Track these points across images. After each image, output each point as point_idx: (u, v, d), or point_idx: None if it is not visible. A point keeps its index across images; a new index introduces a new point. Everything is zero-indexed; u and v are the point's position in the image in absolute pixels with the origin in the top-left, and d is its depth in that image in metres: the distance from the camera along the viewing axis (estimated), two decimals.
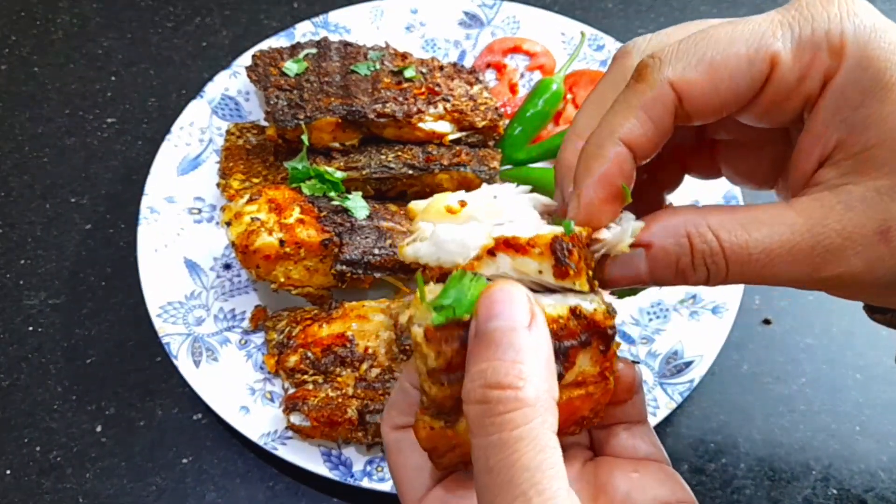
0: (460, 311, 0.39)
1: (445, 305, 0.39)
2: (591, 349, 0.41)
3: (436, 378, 0.39)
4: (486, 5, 1.07)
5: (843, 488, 0.80)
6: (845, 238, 0.39)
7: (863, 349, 0.89)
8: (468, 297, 0.39)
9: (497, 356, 0.37)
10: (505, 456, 0.35)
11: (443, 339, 0.39)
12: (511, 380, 0.36)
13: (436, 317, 0.39)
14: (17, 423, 0.84)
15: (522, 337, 0.37)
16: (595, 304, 0.42)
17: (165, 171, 0.93)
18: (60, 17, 1.16)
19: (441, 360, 0.39)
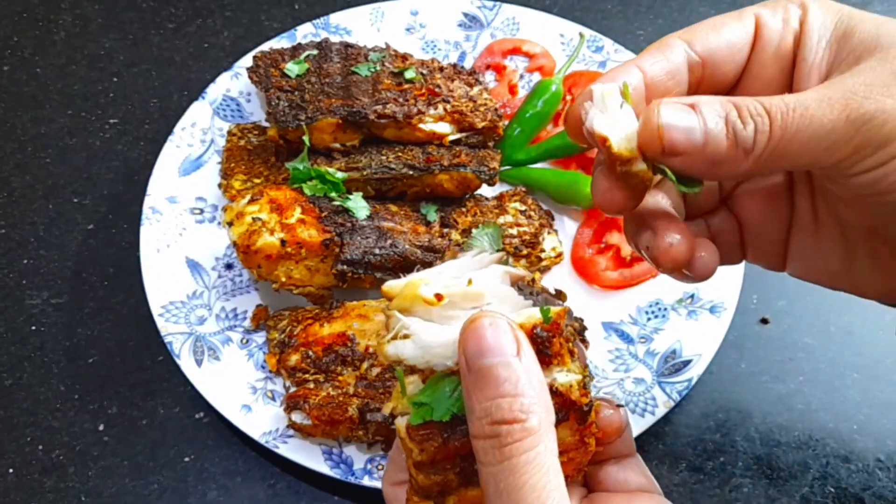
0: (439, 415, 0.41)
1: (425, 403, 0.42)
2: (568, 423, 0.44)
3: (421, 469, 0.42)
4: (485, 7, 1.08)
5: (840, 487, 0.81)
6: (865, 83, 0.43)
7: (861, 348, 0.89)
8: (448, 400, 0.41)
9: (498, 393, 0.40)
10: (514, 479, 0.38)
11: (424, 437, 0.42)
12: (516, 414, 0.39)
13: (414, 416, 0.42)
14: (19, 422, 0.85)
15: (516, 368, 0.40)
16: (571, 376, 0.43)
17: (167, 172, 0.94)
18: (62, 18, 1.17)
19: (424, 455, 0.42)
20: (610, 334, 0.86)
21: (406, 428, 0.42)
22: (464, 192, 0.91)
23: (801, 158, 0.43)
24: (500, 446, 0.39)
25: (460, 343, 0.41)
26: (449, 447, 0.42)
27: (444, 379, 0.42)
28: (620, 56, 1.04)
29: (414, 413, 0.42)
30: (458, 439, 0.42)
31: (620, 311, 0.87)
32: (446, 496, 0.43)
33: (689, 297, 0.87)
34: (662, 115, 0.44)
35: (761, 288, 0.92)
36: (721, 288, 0.86)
